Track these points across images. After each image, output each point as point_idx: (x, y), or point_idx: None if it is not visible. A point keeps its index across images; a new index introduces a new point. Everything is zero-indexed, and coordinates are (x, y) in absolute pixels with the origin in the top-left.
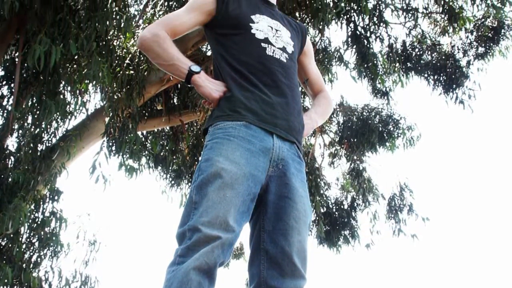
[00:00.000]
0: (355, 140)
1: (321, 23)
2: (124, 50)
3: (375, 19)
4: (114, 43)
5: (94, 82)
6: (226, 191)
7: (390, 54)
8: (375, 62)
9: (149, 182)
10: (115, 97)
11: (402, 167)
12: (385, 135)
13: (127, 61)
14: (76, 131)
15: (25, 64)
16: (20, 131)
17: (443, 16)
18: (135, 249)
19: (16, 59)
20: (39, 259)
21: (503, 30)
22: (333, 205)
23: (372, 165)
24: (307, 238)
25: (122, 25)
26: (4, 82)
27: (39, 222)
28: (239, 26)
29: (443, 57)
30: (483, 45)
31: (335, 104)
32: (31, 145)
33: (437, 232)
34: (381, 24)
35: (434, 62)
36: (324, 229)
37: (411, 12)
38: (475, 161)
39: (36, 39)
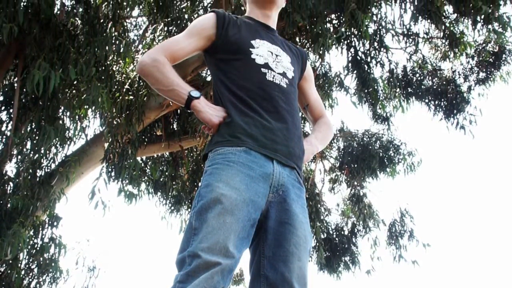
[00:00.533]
0: (356, 165)
1: (322, 48)
2: (124, 75)
3: (375, 44)
4: (114, 68)
5: (93, 108)
6: (226, 217)
7: (391, 79)
8: (375, 87)
9: (148, 208)
10: (115, 122)
11: (403, 193)
12: (385, 160)
13: (126, 86)
14: (75, 157)
15: (24, 90)
16: (19, 157)
17: (444, 41)
18: (134, 275)
19: (15, 84)
20: (38, 285)
21: (504, 55)
22: (334, 231)
23: (373, 190)
24: (307, 264)
25: (121, 50)
26: (3, 108)
27: (38, 248)
28: (239, 51)
29: (444, 82)
30: (484, 70)
31: (336, 129)
32: (30, 170)
33: (438, 258)
34: (382, 49)
35: (435, 87)
36: (325, 255)
37: (411, 37)
38: (476, 187)
39: (35, 64)
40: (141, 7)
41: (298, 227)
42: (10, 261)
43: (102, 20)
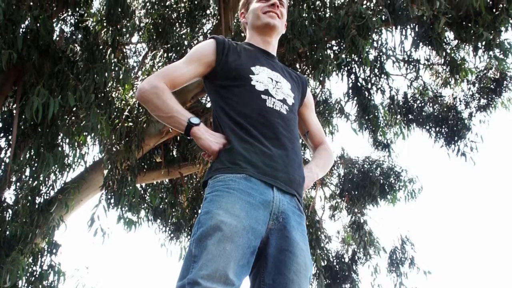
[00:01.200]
0: (356, 192)
1: (322, 75)
2: (123, 102)
3: (376, 70)
4: (113, 95)
5: (92, 134)
6: (226, 244)
7: (391, 106)
8: (376, 114)
9: (148, 235)
10: (114, 149)
11: (404, 220)
12: (386, 187)
13: (126, 113)
14: (75, 184)
15: (23, 116)
16: (18, 184)
17: (444, 67)
18: None
19: (14, 111)
20: None
21: (505, 82)
22: (334, 258)
23: (373, 218)
24: None
25: (121, 76)
26: (2, 134)
27: (37, 276)
28: (239, 77)
29: (445, 109)
30: (485, 96)
31: (336, 156)
32: (29, 197)
33: (439, 286)
34: (382, 75)
35: (435, 114)
36: (325, 282)
37: (412, 64)
38: (477, 214)
39: (34, 91)
40: (140, 33)
41: (299, 255)
42: None
43: (101, 47)
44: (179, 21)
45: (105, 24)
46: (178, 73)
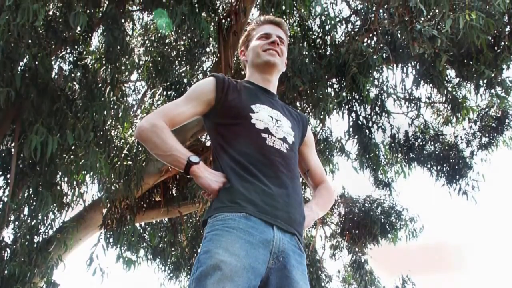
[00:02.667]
0: (357, 231)
1: (322, 113)
2: (122, 140)
3: (377, 108)
4: (112, 133)
5: (91, 173)
6: (225, 284)
7: (392, 144)
8: (377, 152)
9: (147, 274)
10: (113, 188)
11: (405, 259)
12: (387, 226)
13: (125, 152)
14: (73, 223)
15: (21, 154)
16: (16, 223)
17: (446, 105)
18: None
19: (12, 149)
20: None
21: (507, 120)
22: None
23: (374, 257)
24: None
25: (120, 115)
26: (0, 173)
27: None
28: (239, 116)
29: (446, 148)
30: (486, 135)
31: (337, 195)
32: (28, 237)
33: None
34: (383, 113)
35: (437, 152)
36: None
37: (413, 102)
38: (478, 253)
39: (33, 129)
40: (139, 71)
41: None
42: None
43: (100, 85)
44: (179, 59)
45: (104, 62)
46: (178, 112)
